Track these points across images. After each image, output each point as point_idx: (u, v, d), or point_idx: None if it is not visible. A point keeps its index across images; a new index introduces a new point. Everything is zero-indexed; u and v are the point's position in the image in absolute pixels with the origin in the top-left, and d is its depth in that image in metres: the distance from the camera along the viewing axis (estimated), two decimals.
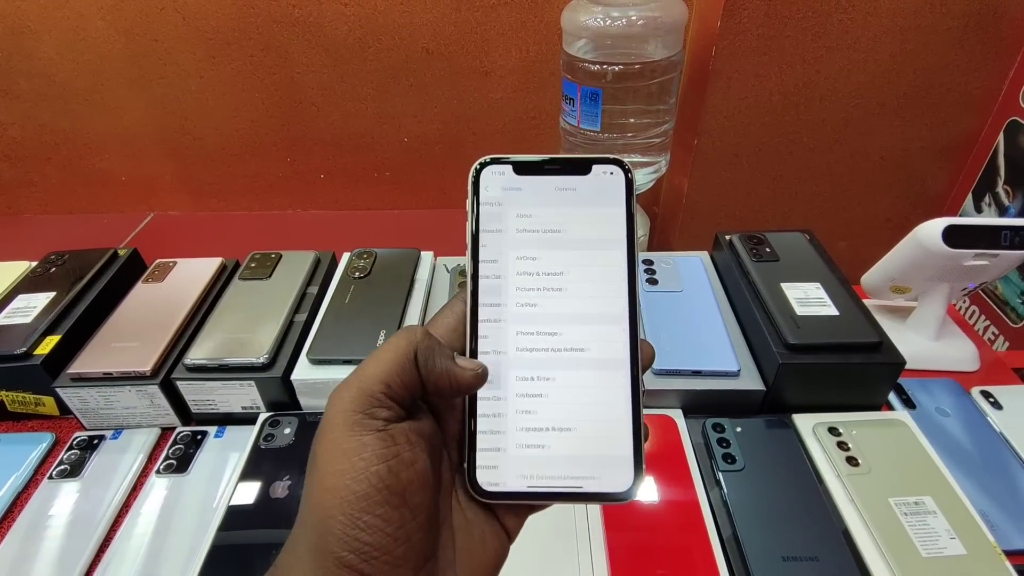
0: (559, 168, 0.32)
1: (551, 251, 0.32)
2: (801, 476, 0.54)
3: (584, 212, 0.32)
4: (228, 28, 1.24)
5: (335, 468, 0.24)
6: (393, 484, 0.24)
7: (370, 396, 0.26)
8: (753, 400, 0.61)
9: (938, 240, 0.59)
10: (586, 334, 0.30)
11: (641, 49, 1.13)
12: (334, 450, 0.25)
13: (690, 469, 0.56)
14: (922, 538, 0.49)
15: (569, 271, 0.31)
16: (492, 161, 0.33)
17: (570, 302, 0.31)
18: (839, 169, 1.38)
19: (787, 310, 0.61)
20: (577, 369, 0.30)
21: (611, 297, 0.31)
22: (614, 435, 0.29)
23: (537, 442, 0.29)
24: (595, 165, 0.32)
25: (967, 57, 1.21)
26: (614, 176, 0.32)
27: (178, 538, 0.54)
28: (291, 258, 0.76)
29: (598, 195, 0.32)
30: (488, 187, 0.32)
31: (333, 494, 0.24)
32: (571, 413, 0.30)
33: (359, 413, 0.25)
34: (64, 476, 0.60)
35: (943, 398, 0.64)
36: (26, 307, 0.68)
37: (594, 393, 0.30)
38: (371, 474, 0.24)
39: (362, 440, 0.25)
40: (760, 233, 0.72)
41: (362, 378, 0.26)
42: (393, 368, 0.26)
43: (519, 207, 0.32)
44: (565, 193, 0.32)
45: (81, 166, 1.45)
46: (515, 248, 0.32)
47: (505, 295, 0.31)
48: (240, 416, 0.65)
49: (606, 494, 0.29)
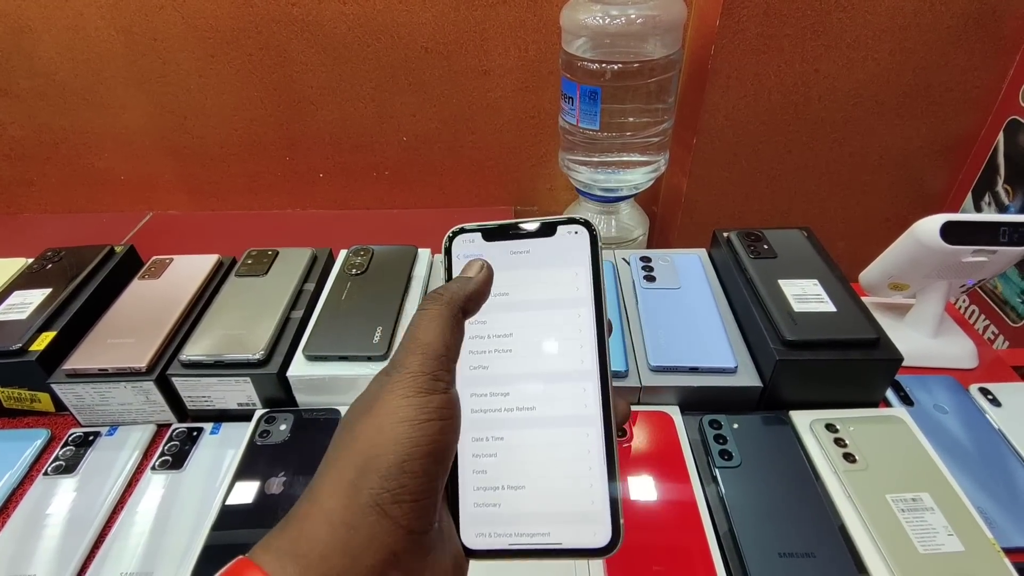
0: (523, 233, 0.33)
1: (500, 314, 0.32)
2: (798, 472, 0.54)
3: (541, 273, 0.32)
4: (227, 27, 1.24)
5: (399, 416, 0.26)
6: (441, 442, 0.26)
7: (434, 360, 0.28)
8: (750, 397, 0.61)
9: (936, 236, 0.59)
10: (541, 393, 0.31)
11: (640, 48, 1.13)
12: (399, 402, 0.26)
13: (687, 466, 0.56)
14: (919, 535, 0.48)
15: (519, 332, 0.32)
16: (461, 231, 0.34)
17: (521, 362, 0.31)
18: (838, 168, 1.37)
19: (784, 307, 0.61)
20: (533, 428, 0.30)
21: (571, 355, 0.31)
22: (584, 491, 0.29)
23: (496, 501, 0.30)
24: (560, 226, 0.33)
25: (967, 56, 1.21)
26: (578, 235, 0.33)
27: (173, 535, 0.54)
28: (288, 255, 0.76)
29: (557, 255, 0.32)
30: (459, 255, 0.33)
31: (389, 435, 0.25)
32: (530, 471, 0.30)
33: (426, 375, 0.27)
34: (59, 472, 0.60)
35: (941, 395, 0.64)
36: (22, 303, 0.68)
37: (553, 451, 0.30)
38: (430, 426, 0.26)
39: (429, 398, 0.27)
40: (758, 230, 0.71)
41: (422, 346, 0.28)
42: (447, 330, 0.28)
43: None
44: (519, 256, 0.33)
45: (80, 165, 1.45)
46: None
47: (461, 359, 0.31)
48: (236, 413, 0.65)
49: (584, 550, 0.29)
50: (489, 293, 0.32)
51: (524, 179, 1.49)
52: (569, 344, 0.31)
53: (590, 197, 1.31)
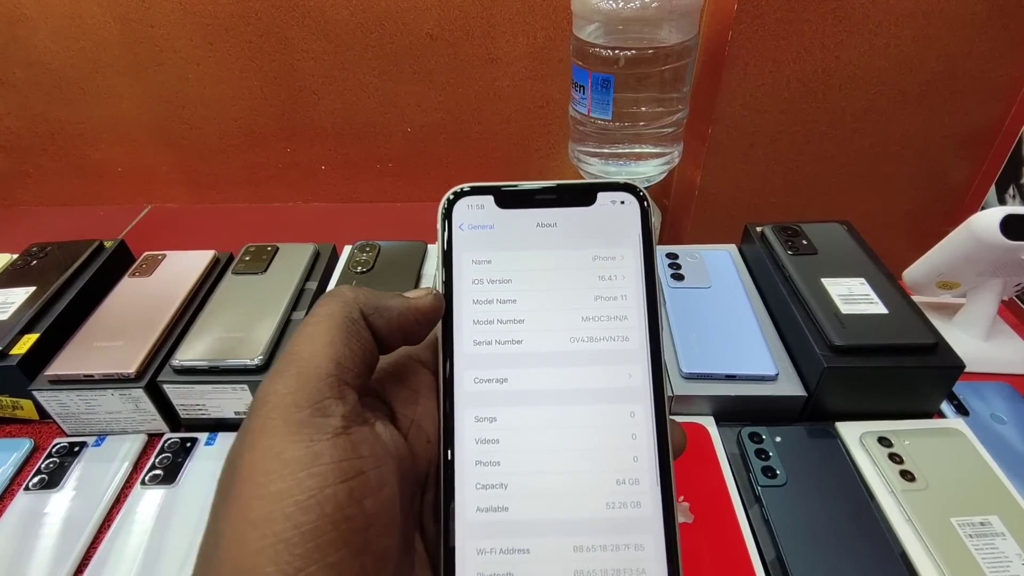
0: (551, 199, 0.25)
1: (517, 310, 0.25)
2: (850, 492, 0.49)
3: (574, 256, 0.25)
4: (226, 13, 1.20)
5: (269, 490, 0.17)
6: (356, 516, 0.17)
7: (315, 382, 0.19)
8: (792, 407, 0.56)
9: (995, 231, 0.54)
10: (579, 417, 0.24)
11: (655, 34, 1.08)
12: (268, 464, 0.17)
13: (726, 483, 0.51)
14: (991, 563, 0.44)
15: (543, 339, 0.25)
16: (463, 192, 0.26)
17: (546, 376, 0.24)
18: (858, 159, 1.33)
19: (830, 308, 0.56)
20: (565, 471, 0.23)
21: (618, 365, 0.24)
22: (634, 560, 0.23)
23: (519, 571, 0.23)
24: (601, 193, 0.25)
25: (992, 44, 1.17)
26: (624, 206, 0.25)
27: (166, 557, 0.50)
28: (288, 251, 0.71)
29: (596, 232, 0.25)
30: (461, 226, 0.26)
31: (261, 530, 0.16)
32: (562, 530, 0.23)
33: (304, 408, 0.18)
34: (42, 487, 0.55)
35: (997, 403, 0.59)
36: (3, 303, 0.63)
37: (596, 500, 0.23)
38: (325, 499, 0.17)
39: (313, 448, 0.18)
40: (795, 224, 0.67)
41: (299, 361, 0.19)
42: (339, 338, 0.20)
43: (479, 251, 0.25)
44: (544, 232, 0.25)
45: (77, 156, 1.41)
46: (470, 308, 0.25)
47: (463, 365, 0.24)
48: (233, 422, 0.60)
49: None
50: (426, 323, 0.23)
51: (532, 171, 1.45)
52: (613, 357, 0.24)
53: None
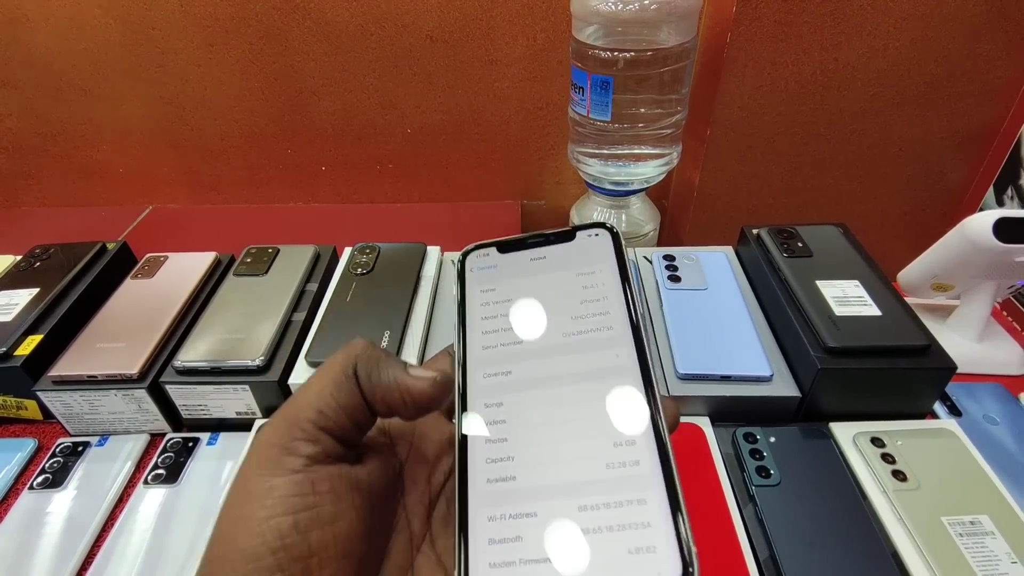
0: (540, 241, 0.31)
1: (522, 318, 0.29)
2: (843, 491, 0.50)
3: (562, 275, 0.30)
4: (227, 15, 1.20)
5: (233, 513, 0.19)
6: (295, 545, 0.19)
7: (294, 426, 0.21)
8: (786, 407, 0.56)
9: (988, 234, 0.55)
10: (575, 394, 0.26)
11: (654, 35, 1.09)
12: (238, 492, 0.20)
13: (721, 483, 0.52)
14: (981, 563, 0.44)
15: (548, 332, 0.28)
16: (474, 248, 0.32)
17: (549, 364, 0.27)
18: (856, 161, 1.33)
19: (824, 310, 0.56)
20: (566, 439, 0.25)
21: (605, 350, 0.27)
22: (638, 515, 0.24)
23: (528, 534, 0.23)
24: (579, 231, 0.31)
25: (990, 46, 1.17)
26: (599, 237, 0.31)
27: (169, 556, 0.50)
28: (289, 253, 0.72)
29: (578, 256, 0.30)
30: (472, 269, 0.31)
31: (221, 547, 0.19)
32: (567, 492, 0.24)
33: (276, 447, 0.20)
34: (46, 486, 0.56)
35: (990, 404, 0.60)
36: (7, 304, 0.64)
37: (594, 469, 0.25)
38: (268, 528, 0.19)
39: (269, 482, 0.20)
40: (791, 227, 0.67)
41: (292, 406, 0.22)
42: (327, 389, 0.22)
43: (488, 283, 0.31)
44: (537, 263, 0.31)
45: (79, 158, 1.42)
46: (480, 323, 0.29)
47: (474, 367, 0.27)
48: (234, 422, 0.61)
49: None
50: (411, 414, 0.24)
51: (531, 172, 1.45)
52: (600, 348, 0.27)
53: (600, 191, 1.27)
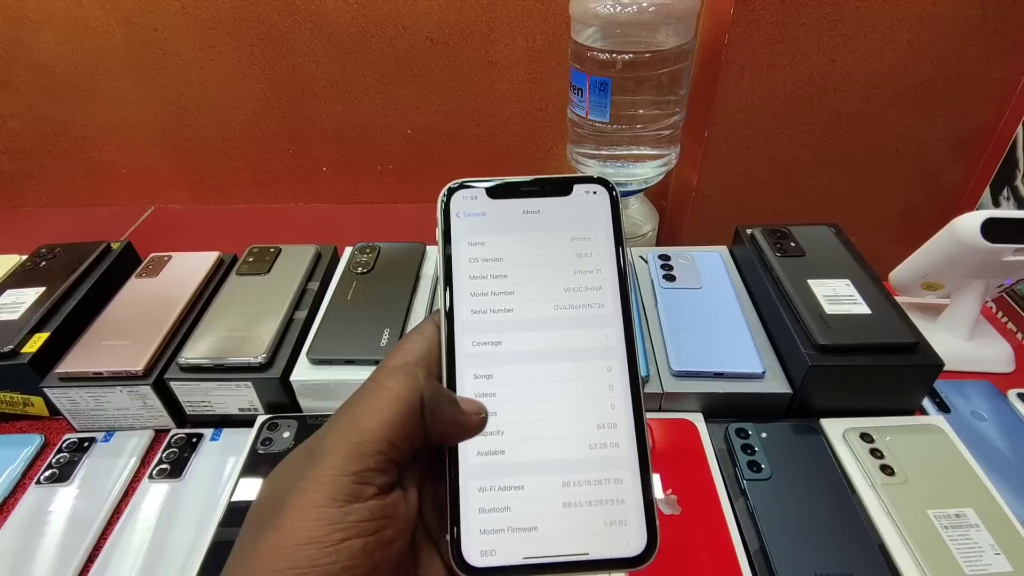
0: (534, 190, 0.30)
1: (507, 283, 0.29)
2: (833, 485, 0.51)
3: (554, 237, 0.29)
4: (228, 17, 1.21)
5: (305, 533, 0.20)
6: (361, 564, 0.21)
7: (368, 457, 0.22)
8: (778, 404, 0.58)
9: (976, 234, 0.56)
10: (558, 375, 0.27)
11: (652, 37, 1.10)
12: (309, 513, 0.21)
13: (713, 477, 0.53)
14: (965, 554, 0.45)
15: (529, 306, 0.28)
16: (461, 186, 0.30)
17: (531, 339, 0.28)
18: (853, 161, 1.34)
19: (816, 308, 0.57)
20: (553, 417, 0.27)
21: (592, 336, 0.28)
22: (614, 493, 0.26)
23: (505, 504, 0.26)
24: (577, 185, 0.30)
25: (986, 47, 1.18)
26: (596, 196, 0.30)
27: (172, 547, 0.52)
28: (291, 252, 0.73)
29: (573, 217, 0.29)
30: (459, 214, 0.30)
31: (288, 561, 0.20)
32: (546, 471, 0.26)
33: (351, 475, 0.22)
34: (53, 480, 0.57)
35: (978, 401, 0.61)
36: (14, 303, 0.65)
37: (574, 443, 0.26)
38: (342, 548, 0.20)
39: (347, 508, 0.21)
40: (783, 227, 0.68)
41: (359, 431, 0.22)
42: (397, 422, 0.23)
43: (474, 235, 0.29)
44: (529, 218, 0.30)
45: (81, 158, 1.43)
46: (467, 284, 0.29)
47: (462, 331, 0.28)
48: (237, 418, 0.62)
49: (615, 560, 0.25)
50: (459, 437, 0.26)
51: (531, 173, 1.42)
52: (590, 322, 0.28)
53: None
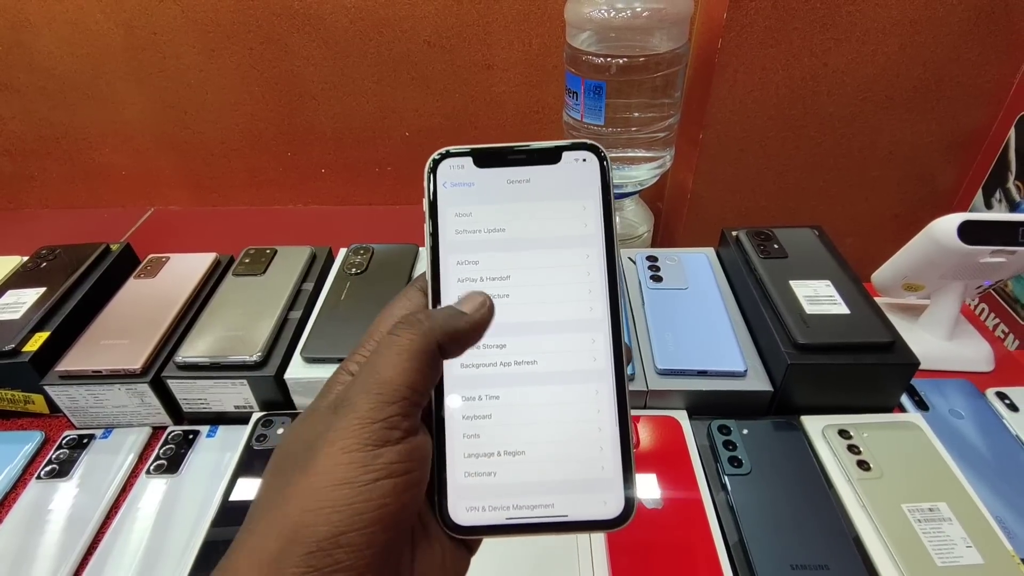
0: (522, 158, 0.29)
1: (495, 253, 0.28)
2: (810, 480, 0.52)
3: (543, 206, 0.28)
4: (227, 21, 1.23)
5: (337, 475, 0.22)
6: (392, 503, 0.22)
7: (392, 404, 0.23)
8: (760, 401, 0.59)
9: (953, 236, 0.57)
10: (543, 345, 0.27)
11: (646, 42, 1.11)
12: (340, 457, 0.22)
13: (695, 472, 0.54)
14: (937, 546, 0.47)
15: (517, 274, 0.28)
16: (447, 154, 0.29)
17: (520, 310, 0.27)
18: (846, 164, 1.35)
19: (796, 308, 0.59)
20: (533, 385, 0.27)
21: (578, 301, 0.27)
22: (593, 456, 0.26)
23: (491, 469, 0.26)
24: (566, 152, 0.28)
25: (978, 50, 1.19)
26: (586, 164, 0.28)
27: (169, 540, 0.53)
28: (286, 254, 0.75)
29: (562, 185, 0.28)
30: (445, 184, 0.29)
31: (323, 501, 0.21)
32: (530, 434, 0.27)
33: (378, 423, 0.23)
34: (53, 476, 0.59)
35: (957, 400, 0.62)
36: (15, 303, 0.67)
37: (558, 411, 0.27)
38: (377, 487, 0.22)
39: (377, 451, 0.22)
40: (768, 229, 0.70)
41: (381, 383, 0.23)
42: (417, 368, 0.24)
43: (461, 205, 0.28)
44: (517, 187, 0.28)
45: (81, 160, 1.44)
46: (454, 252, 0.28)
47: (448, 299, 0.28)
48: (233, 415, 0.63)
49: (591, 522, 0.26)
50: (481, 336, 0.27)
51: None
52: (576, 289, 0.28)
53: None
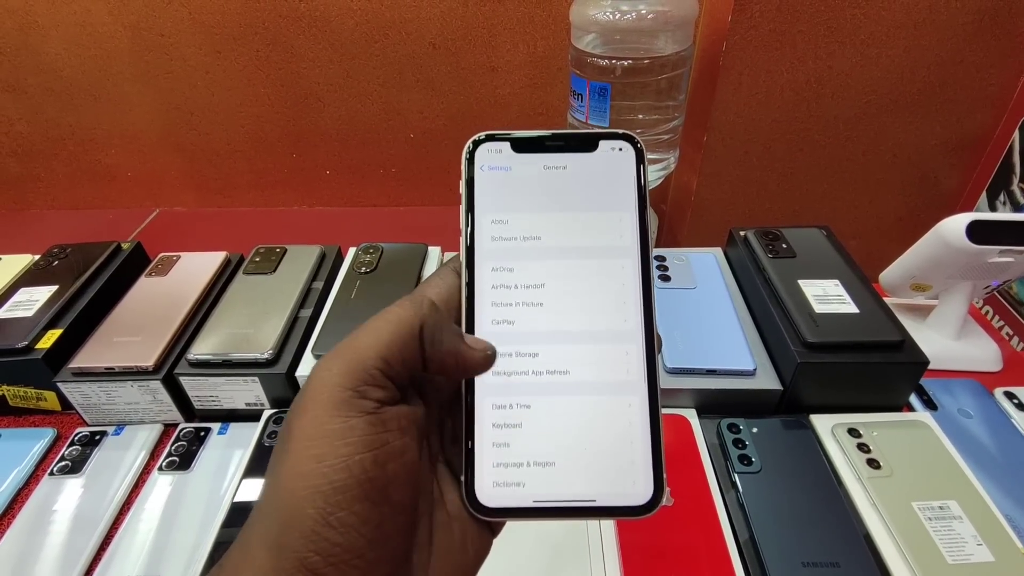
0: (559, 145, 0.28)
1: (531, 260, 0.28)
2: (820, 479, 0.53)
3: (580, 197, 0.28)
4: (234, 23, 1.23)
5: (312, 452, 0.21)
6: (378, 477, 0.22)
7: (363, 372, 0.22)
8: (769, 400, 0.59)
9: (962, 236, 0.58)
10: (576, 355, 0.27)
11: (651, 44, 1.11)
12: (314, 431, 0.21)
13: (705, 471, 0.54)
14: (947, 544, 0.47)
15: (552, 283, 0.28)
16: (488, 138, 0.29)
17: (554, 318, 0.27)
18: (851, 166, 1.35)
19: (805, 307, 0.59)
20: (565, 395, 0.27)
21: (613, 311, 0.27)
22: (623, 467, 0.26)
23: (520, 480, 0.26)
24: (603, 141, 0.28)
25: (982, 53, 1.19)
26: (622, 153, 0.28)
27: (181, 536, 0.53)
28: (296, 252, 0.75)
29: (599, 177, 0.28)
30: (483, 167, 0.29)
31: (306, 482, 0.21)
32: (560, 445, 0.26)
33: (348, 390, 0.22)
34: (65, 472, 0.59)
35: (965, 399, 0.62)
36: (28, 300, 0.67)
37: (590, 423, 0.27)
38: (354, 463, 0.21)
39: (348, 423, 0.22)
40: (776, 229, 0.70)
41: (355, 349, 0.23)
42: (394, 341, 0.23)
43: (497, 194, 0.28)
44: (553, 174, 0.28)
45: (87, 161, 1.44)
46: (490, 259, 0.28)
47: (480, 309, 0.27)
48: (244, 413, 0.64)
49: (621, 508, 0.26)
50: (464, 370, 0.26)
51: None
52: (611, 298, 0.27)
53: None
